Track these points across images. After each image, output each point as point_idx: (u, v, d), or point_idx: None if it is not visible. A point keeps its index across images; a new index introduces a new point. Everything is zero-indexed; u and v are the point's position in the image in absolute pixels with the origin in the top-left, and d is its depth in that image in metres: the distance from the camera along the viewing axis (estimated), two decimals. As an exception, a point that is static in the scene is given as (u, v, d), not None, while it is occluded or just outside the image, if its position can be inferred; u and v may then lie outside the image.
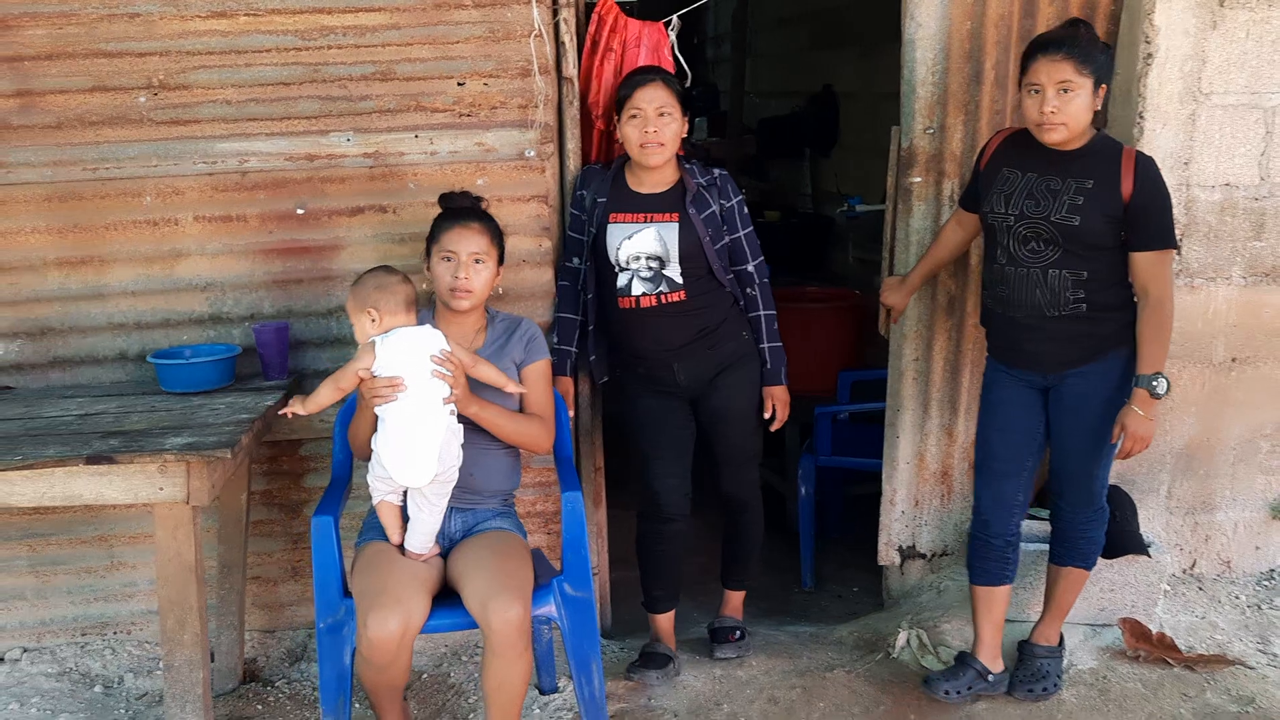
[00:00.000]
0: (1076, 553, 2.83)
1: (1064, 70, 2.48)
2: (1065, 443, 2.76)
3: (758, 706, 2.86)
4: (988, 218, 2.71)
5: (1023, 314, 2.68)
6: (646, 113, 2.76)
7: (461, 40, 2.93)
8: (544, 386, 2.65)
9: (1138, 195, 2.55)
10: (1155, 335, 2.58)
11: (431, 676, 3.03)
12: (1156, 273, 2.58)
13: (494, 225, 2.61)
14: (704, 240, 2.81)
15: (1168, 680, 2.90)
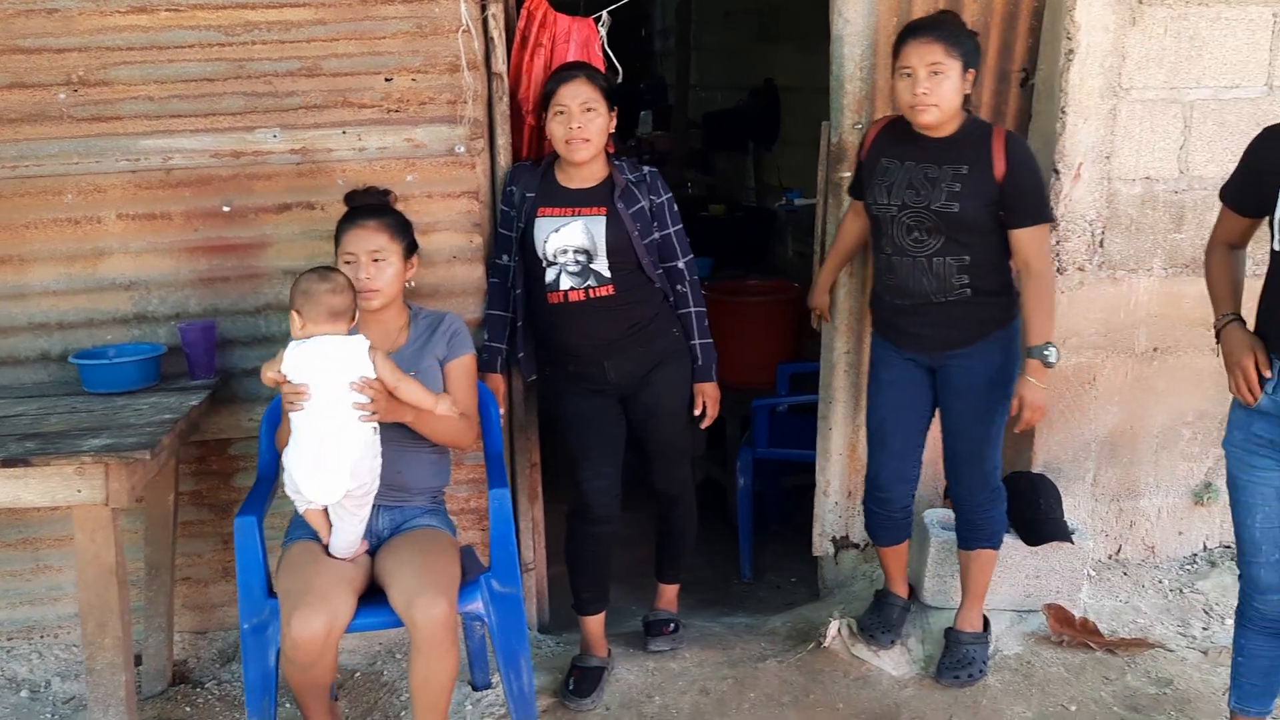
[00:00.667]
0: (982, 534, 2.90)
1: (934, 53, 2.56)
2: (956, 426, 2.82)
3: (689, 698, 2.88)
4: (872, 209, 2.77)
5: (911, 301, 2.75)
6: (571, 109, 2.76)
7: (389, 36, 2.91)
8: (468, 382, 2.63)
9: (1010, 174, 2.62)
10: (1041, 306, 2.67)
11: (364, 675, 3.03)
12: (1037, 248, 2.67)
13: (395, 219, 2.57)
14: (632, 235, 2.81)
15: (1090, 664, 2.96)
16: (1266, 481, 2.24)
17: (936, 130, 2.67)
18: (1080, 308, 3.27)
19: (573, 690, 2.86)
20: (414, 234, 2.62)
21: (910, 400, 2.86)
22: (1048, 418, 3.32)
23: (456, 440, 2.57)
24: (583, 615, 3.02)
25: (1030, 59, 3.21)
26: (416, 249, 2.63)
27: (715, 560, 4.13)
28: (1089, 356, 3.32)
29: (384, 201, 2.63)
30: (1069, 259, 3.23)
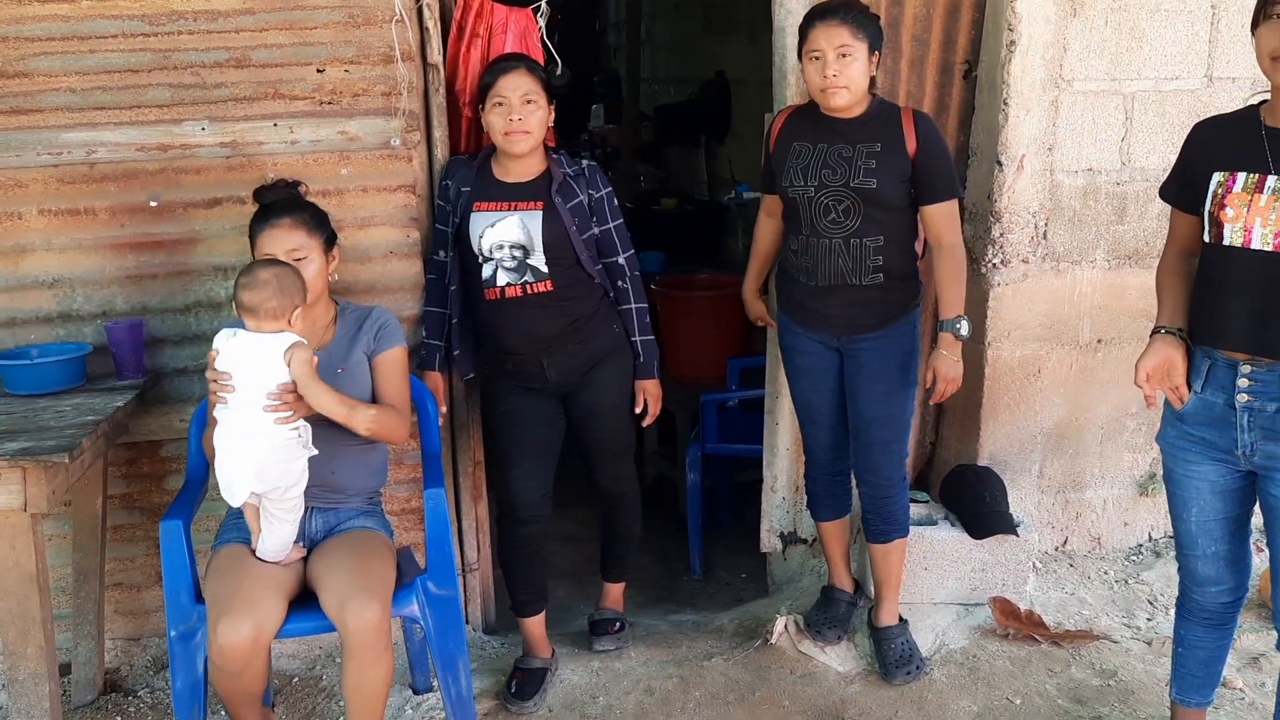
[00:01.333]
0: (896, 523, 2.92)
1: (842, 35, 2.59)
2: (871, 410, 2.83)
3: (634, 698, 2.84)
4: (788, 192, 2.76)
5: (827, 283, 2.76)
6: (511, 100, 2.71)
7: (320, 26, 2.84)
8: (397, 375, 2.55)
9: (921, 150, 2.67)
10: (954, 279, 2.72)
11: (303, 680, 2.96)
12: (948, 223, 2.73)
13: (310, 213, 2.49)
14: (570, 230, 2.76)
15: (1035, 657, 2.96)
16: (1200, 476, 2.24)
17: (846, 111, 2.70)
18: (1024, 300, 3.27)
19: (515, 693, 2.81)
20: (331, 224, 2.55)
21: (827, 382, 2.90)
22: (994, 409, 3.34)
23: (390, 434, 2.49)
24: (521, 617, 2.97)
25: (973, 51, 3.20)
26: (335, 240, 2.55)
27: (665, 557, 4.10)
28: (1034, 349, 3.32)
29: (295, 194, 2.55)
30: (1013, 251, 3.23)
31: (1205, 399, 2.18)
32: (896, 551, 2.95)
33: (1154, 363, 2.21)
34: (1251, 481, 2.20)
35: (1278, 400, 2.07)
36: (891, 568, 2.96)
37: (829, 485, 3.04)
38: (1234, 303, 2.09)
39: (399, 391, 2.55)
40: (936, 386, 2.75)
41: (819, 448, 3.01)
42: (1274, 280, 2.04)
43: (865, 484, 2.93)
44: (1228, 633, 2.40)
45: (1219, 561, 2.31)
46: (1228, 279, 2.11)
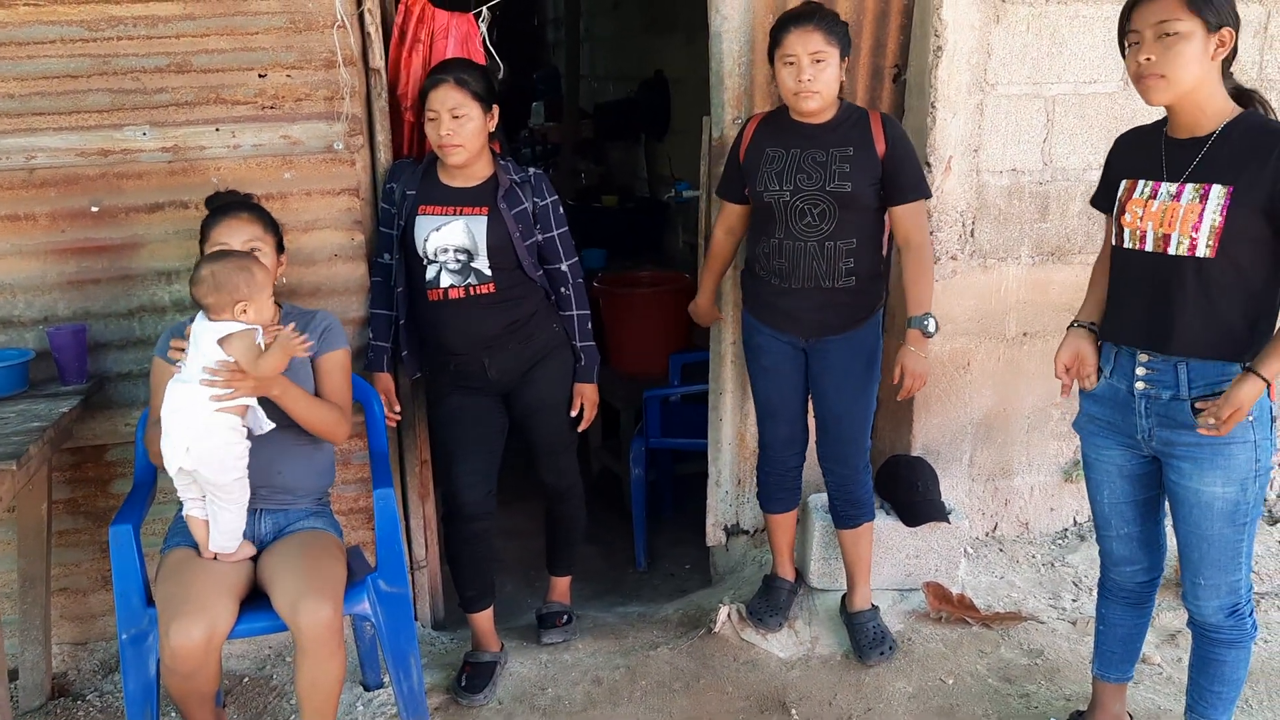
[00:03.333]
0: (864, 508, 3.02)
1: (815, 41, 2.66)
2: (838, 406, 2.93)
3: (582, 688, 2.92)
4: (763, 197, 2.83)
5: (799, 285, 2.84)
6: (441, 115, 2.75)
7: (261, 31, 2.85)
8: (340, 376, 2.59)
9: (890, 152, 2.76)
10: (921, 278, 2.82)
11: (253, 680, 2.99)
12: (917, 222, 2.82)
13: (264, 213, 2.56)
14: (514, 236, 2.82)
15: (967, 638, 3.08)
16: (1110, 460, 2.37)
17: (817, 117, 2.78)
18: (954, 295, 3.39)
19: (465, 686, 2.87)
20: (282, 233, 2.60)
21: (792, 381, 2.98)
22: (926, 401, 3.46)
23: (331, 431, 2.52)
24: (470, 613, 3.02)
25: (902, 56, 3.31)
26: (284, 248, 2.60)
27: (611, 551, 4.17)
28: (963, 342, 3.44)
29: (246, 199, 2.60)
30: (942, 249, 3.35)
31: (1112, 384, 2.32)
32: (865, 535, 3.05)
33: (1068, 355, 2.38)
34: (1158, 466, 2.33)
35: (1172, 389, 2.20)
36: (861, 552, 3.06)
37: (782, 480, 3.11)
38: (1132, 301, 2.23)
39: (341, 392, 2.59)
40: (904, 382, 2.82)
41: (776, 443, 3.07)
42: (1164, 280, 2.16)
43: (832, 474, 3.02)
44: (1146, 611, 2.54)
45: (1133, 542, 2.44)
46: (1127, 279, 2.24)
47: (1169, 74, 2.08)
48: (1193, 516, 2.26)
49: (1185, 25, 2.06)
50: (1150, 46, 2.08)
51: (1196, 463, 2.22)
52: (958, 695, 2.85)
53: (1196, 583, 2.32)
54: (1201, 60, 2.09)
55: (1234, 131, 2.13)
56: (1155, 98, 2.13)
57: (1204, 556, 2.29)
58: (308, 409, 2.47)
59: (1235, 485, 2.21)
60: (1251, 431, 2.19)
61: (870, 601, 3.09)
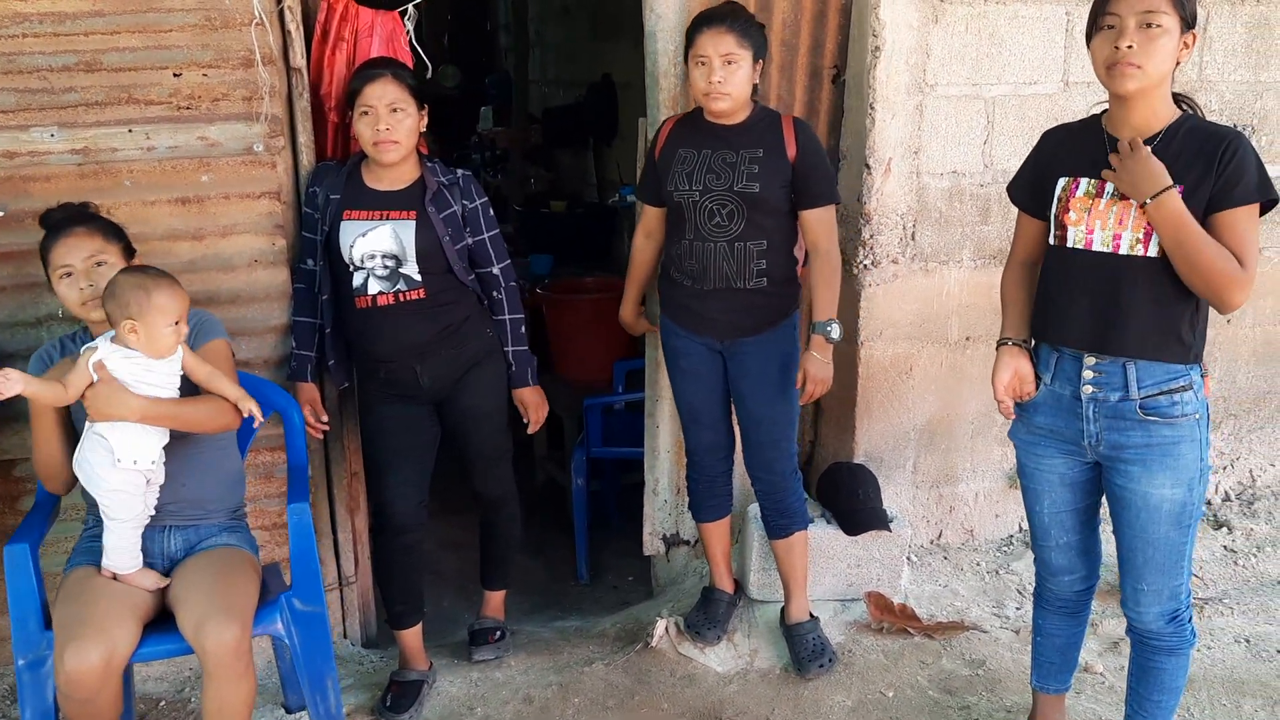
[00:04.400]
0: (796, 517, 2.96)
1: (728, 43, 2.64)
2: (759, 410, 2.88)
3: (512, 707, 2.82)
4: (674, 196, 2.80)
5: (711, 286, 2.80)
6: (378, 110, 2.67)
7: (175, 29, 2.74)
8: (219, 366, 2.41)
9: (801, 156, 2.74)
10: (828, 284, 2.79)
11: (170, 704, 2.87)
12: (826, 228, 2.79)
13: (104, 222, 2.42)
14: (443, 240, 2.73)
15: (908, 649, 3.02)
16: (1051, 469, 2.32)
17: (728, 118, 2.75)
18: (895, 299, 3.34)
19: (389, 706, 2.77)
20: (128, 237, 2.46)
21: (711, 384, 2.94)
22: (868, 407, 3.41)
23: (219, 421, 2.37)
24: (398, 629, 2.92)
25: (841, 56, 3.26)
26: (134, 253, 2.46)
27: (553, 563, 4.09)
28: (905, 347, 3.39)
29: (82, 211, 2.45)
30: (883, 252, 3.30)
31: (1054, 390, 2.26)
32: (799, 545, 2.99)
33: (1007, 376, 2.30)
34: (1098, 473, 2.29)
35: (1120, 390, 2.16)
36: (796, 562, 3.00)
37: (710, 486, 3.07)
38: (1077, 302, 2.17)
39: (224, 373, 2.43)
40: (806, 387, 2.79)
41: (701, 448, 3.04)
42: (1113, 280, 2.12)
43: (759, 481, 2.97)
44: (1082, 620, 2.49)
45: (1072, 551, 2.39)
46: (1071, 279, 2.18)
47: (1145, 65, 2.04)
48: (1139, 520, 2.21)
49: (1168, 20, 2.04)
50: (1132, 34, 2.03)
51: (1145, 465, 2.17)
52: (898, 708, 2.79)
53: (1139, 589, 2.27)
54: (1173, 57, 2.08)
55: (1179, 132, 2.10)
56: (1127, 85, 2.07)
57: (1148, 561, 2.24)
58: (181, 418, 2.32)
59: (1183, 486, 2.17)
60: (1197, 429, 2.17)
61: (809, 613, 3.02)
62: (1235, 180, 2.02)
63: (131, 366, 2.26)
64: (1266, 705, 2.78)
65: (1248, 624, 3.16)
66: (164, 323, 2.25)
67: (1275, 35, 3.46)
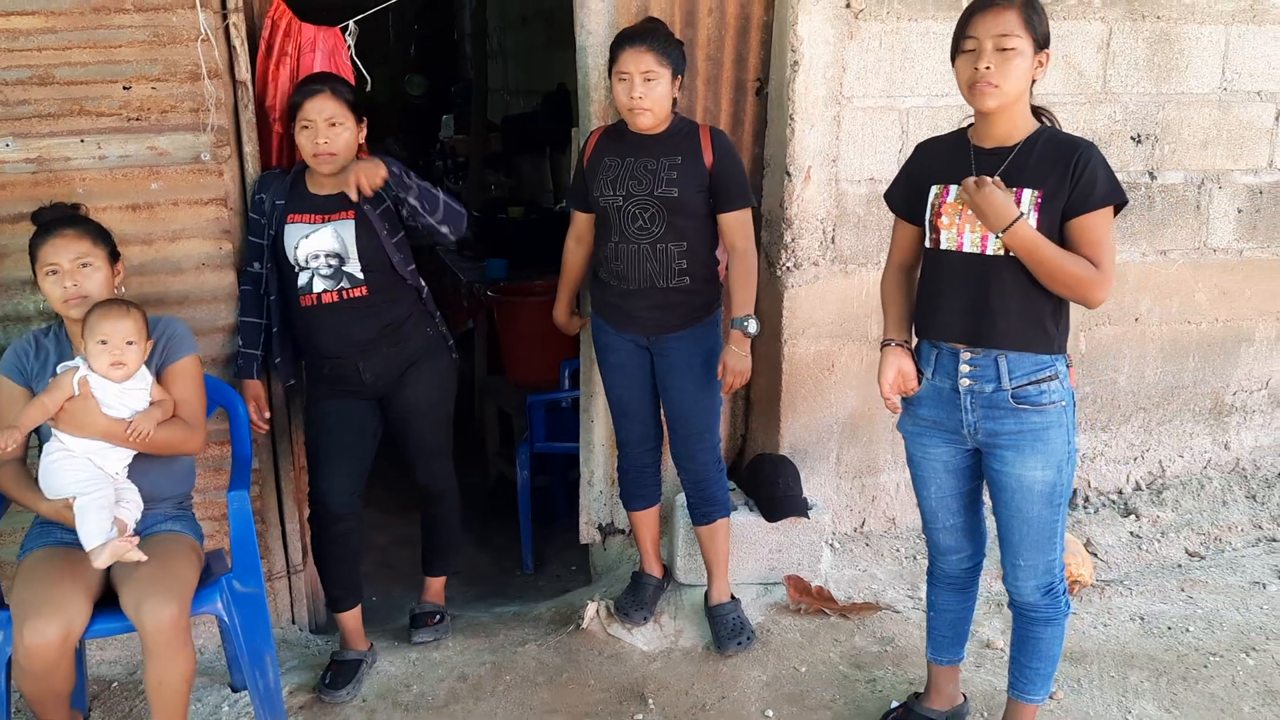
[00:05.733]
0: (718, 504, 3.14)
1: (647, 61, 2.82)
2: (684, 404, 3.05)
3: (446, 684, 2.99)
4: (600, 202, 2.98)
5: (636, 285, 2.98)
6: (317, 124, 2.83)
7: (125, 44, 2.90)
8: (186, 385, 2.60)
9: (717, 162, 2.92)
10: (745, 282, 2.96)
11: (122, 684, 3.02)
12: (741, 230, 2.97)
13: (93, 225, 2.57)
14: (381, 235, 2.90)
15: (823, 629, 3.20)
16: (935, 457, 2.51)
17: (650, 130, 2.93)
18: (817, 300, 3.53)
19: (328, 684, 2.92)
20: (114, 241, 2.61)
21: (639, 379, 3.11)
22: (792, 402, 3.59)
23: (181, 446, 2.57)
24: (336, 612, 3.09)
25: (764, 70, 3.44)
26: (119, 256, 2.62)
27: (500, 555, 4.25)
28: (827, 345, 3.58)
29: (75, 213, 2.61)
30: (804, 255, 3.48)
31: (935, 384, 2.45)
32: (721, 530, 3.17)
33: (892, 375, 2.48)
34: (978, 459, 2.47)
35: (994, 381, 2.35)
36: (718, 547, 3.17)
37: (640, 476, 3.24)
38: (950, 299, 2.37)
39: (189, 399, 2.61)
40: (726, 379, 2.96)
41: (631, 440, 3.21)
42: (982, 278, 2.31)
43: (684, 470, 3.15)
44: (970, 596, 2.68)
45: (958, 533, 2.58)
46: (944, 279, 2.38)
47: (1002, 84, 2.24)
48: (1015, 501, 2.40)
49: (1021, 42, 2.23)
50: (989, 56, 2.23)
51: (1018, 450, 2.36)
52: (809, 682, 2.97)
53: (1016, 564, 2.47)
54: (1028, 75, 2.28)
55: (1038, 142, 2.30)
56: (987, 103, 2.28)
57: (1023, 539, 2.43)
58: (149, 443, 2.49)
59: (1053, 469, 2.36)
60: (1064, 415, 2.35)
61: (730, 595, 3.20)
62: (1089, 187, 2.22)
63: (109, 386, 2.44)
64: (1151, 676, 2.97)
65: (1144, 603, 3.36)
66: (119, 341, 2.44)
67: (1175, 49, 3.67)
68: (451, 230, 2.96)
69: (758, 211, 3.51)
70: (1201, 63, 3.71)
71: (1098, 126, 3.65)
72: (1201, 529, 3.83)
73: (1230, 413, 4.09)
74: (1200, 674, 2.99)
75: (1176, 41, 3.67)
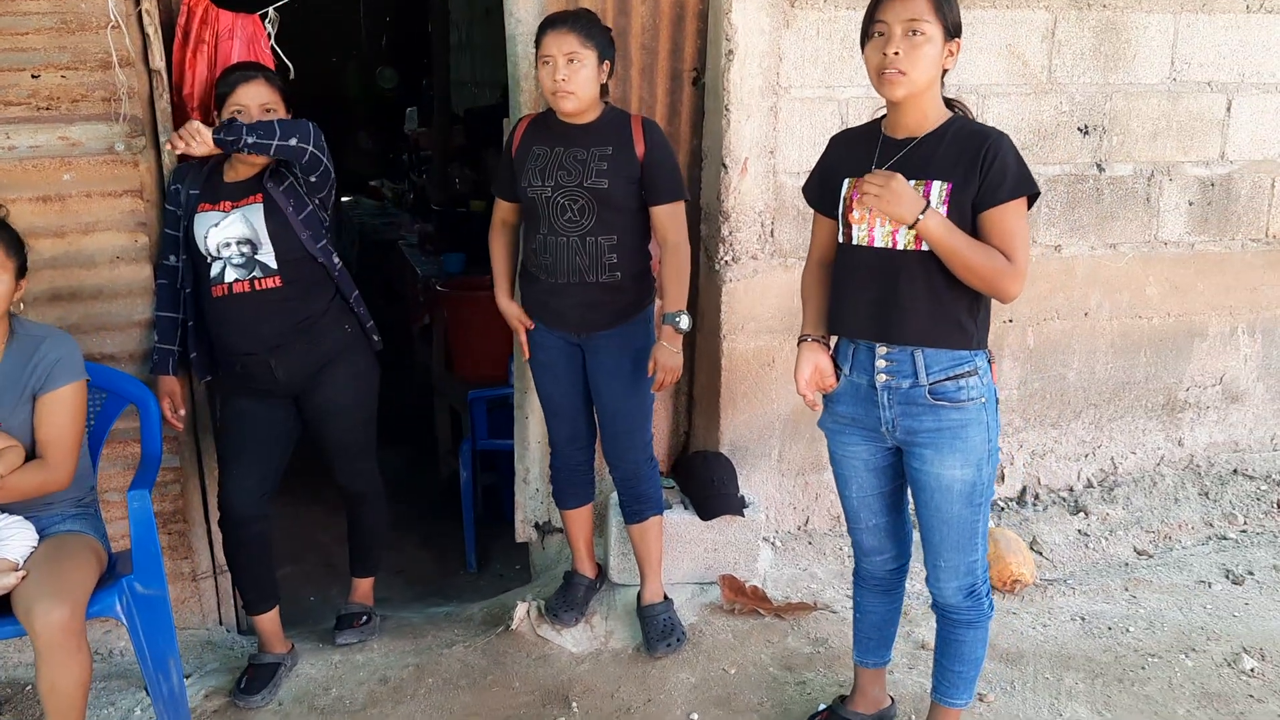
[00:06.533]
0: (650, 503, 3.07)
1: (570, 43, 2.74)
2: (614, 404, 2.98)
3: (366, 688, 2.92)
4: (527, 193, 2.89)
5: (565, 280, 2.89)
6: (250, 110, 2.77)
7: (32, 31, 2.83)
8: (60, 414, 2.43)
9: (649, 154, 2.84)
10: (677, 277, 2.88)
11: (35, 687, 2.94)
12: (674, 223, 2.89)
13: (9, 236, 2.43)
14: (288, 213, 2.82)
15: (757, 629, 3.14)
16: (856, 455, 2.44)
17: (578, 117, 2.85)
18: (756, 294, 3.46)
19: (243, 689, 2.85)
20: (26, 255, 2.49)
21: (569, 377, 3.03)
22: (732, 398, 3.52)
23: (44, 488, 2.43)
24: (252, 615, 3.01)
25: (700, 59, 3.37)
26: (26, 273, 2.48)
27: (444, 553, 4.19)
28: (767, 340, 3.51)
29: None
30: (742, 249, 3.41)
31: (852, 380, 2.38)
32: (653, 529, 3.10)
33: (808, 371, 2.42)
34: (900, 458, 2.41)
35: (911, 377, 2.28)
36: (650, 546, 3.10)
37: (571, 475, 3.17)
38: (860, 295, 2.30)
39: (60, 433, 2.44)
40: (657, 376, 2.89)
41: (561, 439, 3.14)
42: (892, 273, 2.24)
43: (615, 469, 3.08)
44: (896, 598, 2.61)
45: (881, 533, 2.51)
46: (856, 274, 2.31)
47: (910, 71, 2.17)
48: (934, 501, 2.34)
49: (931, 28, 2.16)
50: (898, 41, 2.16)
51: (937, 448, 2.30)
52: (737, 684, 2.90)
53: (938, 565, 2.40)
54: (938, 63, 2.20)
55: (948, 132, 2.23)
56: (894, 92, 2.21)
57: (944, 539, 2.37)
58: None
59: (972, 467, 2.30)
60: (984, 413, 2.29)
61: (662, 595, 3.13)
62: (999, 179, 2.15)
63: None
64: (1087, 678, 2.91)
65: (1086, 603, 3.30)
66: None
67: (1122, 39, 3.61)
68: (299, 139, 2.74)
69: (695, 204, 3.45)
70: (1150, 52, 3.64)
71: (1043, 118, 3.59)
72: (1152, 527, 3.78)
73: (1183, 409, 4.03)
74: (1137, 675, 2.93)
75: (1124, 30, 3.61)
